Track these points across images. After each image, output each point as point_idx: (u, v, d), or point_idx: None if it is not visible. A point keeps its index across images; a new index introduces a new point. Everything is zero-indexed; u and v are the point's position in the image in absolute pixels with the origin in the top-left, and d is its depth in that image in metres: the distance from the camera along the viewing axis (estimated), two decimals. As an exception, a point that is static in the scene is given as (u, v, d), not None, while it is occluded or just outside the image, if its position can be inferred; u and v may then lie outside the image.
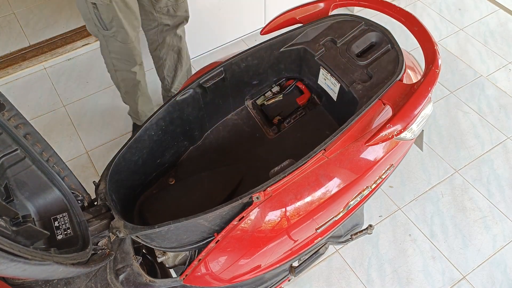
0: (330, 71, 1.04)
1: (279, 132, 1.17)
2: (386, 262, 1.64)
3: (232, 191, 1.06)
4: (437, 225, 1.73)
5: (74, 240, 0.78)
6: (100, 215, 0.88)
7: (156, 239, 0.88)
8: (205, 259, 0.88)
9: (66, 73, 2.29)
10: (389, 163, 1.00)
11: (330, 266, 1.63)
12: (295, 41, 1.10)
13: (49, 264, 0.60)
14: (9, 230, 0.60)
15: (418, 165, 1.90)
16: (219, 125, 1.20)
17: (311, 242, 1.01)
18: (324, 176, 0.88)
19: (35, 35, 2.44)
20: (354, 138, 0.91)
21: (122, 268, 0.89)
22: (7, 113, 0.78)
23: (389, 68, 0.99)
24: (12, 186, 0.77)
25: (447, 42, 2.40)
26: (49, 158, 0.83)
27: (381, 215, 1.76)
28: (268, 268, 0.99)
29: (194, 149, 1.17)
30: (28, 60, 2.26)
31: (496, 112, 2.08)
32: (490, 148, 1.95)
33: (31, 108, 2.14)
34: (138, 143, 0.99)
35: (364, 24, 1.07)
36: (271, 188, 0.84)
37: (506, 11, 2.55)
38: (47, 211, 0.80)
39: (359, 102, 0.97)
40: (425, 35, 1.01)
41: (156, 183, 1.12)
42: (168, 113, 1.03)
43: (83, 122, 2.09)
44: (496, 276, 1.60)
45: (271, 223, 0.86)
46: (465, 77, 2.22)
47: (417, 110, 0.88)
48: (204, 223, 0.83)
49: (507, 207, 1.77)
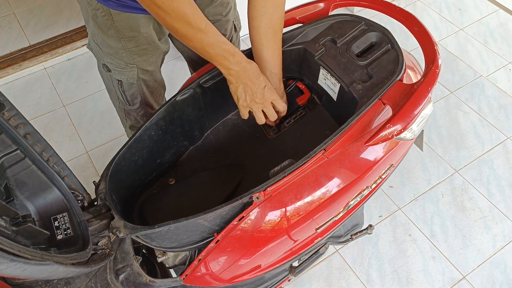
0: (330, 71, 1.04)
1: (279, 132, 1.17)
2: (386, 262, 1.64)
3: (232, 191, 1.06)
4: (437, 225, 1.73)
5: (74, 240, 0.78)
6: (100, 215, 0.88)
7: (156, 239, 0.88)
8: (205, 259, 0.88)
9: (66, 73, 2.29)
10: (389, 163, 1.01)
11: (330, 266, 1.63)
12: (295, 41, 1.10)
13: (49, 264, 0.60)
14: (9, 230, 0.60)
15: (418, 165, 1.90)
16: (219, 125, 1.20)
17: (311, 242, 1.01)
18: (324, 176, 0.88)
19: (35, 35, 2.44)
20: (354, 138, 0.91)
21: (122, 268, 0.89)
22: (7, 113, 0.78)
23: (389, 68, 0.99)
24: (12, 186, 0.77)
25: (447, 42, 2.40)
26: (49, 158, 0.83)
27: (381, 215, 1.76)
28: (268, 268, 0.99)
29: (194, 149, 1.17)
30: (28, 60, 2.26)
31: (496, 112, 2.08)
32: (490, 148, 1.95)
33: (31, 108, 2.14)
34: (138, 143, 0.99)
35: (364, 24, 1.07)
36: (271, 188, 0.84)
37: (506, 11, 2.55)
38: (47, 211, 0.80)
39: (359, 102, 0.97)
40: (425, 35, 1.01)
41: (156, 183, 1.12)
42: (168, 113, 1.03)
43: (83, 122, 2.09)
44: (496, 276, 1.60)
45: (271, 223, 0.86)
46: (465, 77, 2.22)
47: (417, 110, 0.88)
48: (204, 223, 0.83)
49: (507, 207, 1.77)
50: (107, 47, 1.10)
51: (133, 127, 1.37)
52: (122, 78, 1.16)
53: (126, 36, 1.06)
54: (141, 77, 1.17)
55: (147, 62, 1.15)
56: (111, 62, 1.14)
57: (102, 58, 1.16)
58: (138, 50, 1.10)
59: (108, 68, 1.16)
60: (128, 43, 1.08)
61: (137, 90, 1.21)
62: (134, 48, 1.09)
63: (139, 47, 1.09)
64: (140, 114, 1.30)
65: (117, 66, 1.14)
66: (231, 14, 1.24)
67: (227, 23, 1.24)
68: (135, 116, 1.31)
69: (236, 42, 1.37)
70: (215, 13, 1.17)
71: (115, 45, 1.08)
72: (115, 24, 1.03)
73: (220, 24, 1.21)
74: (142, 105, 1.26)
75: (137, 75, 1.15)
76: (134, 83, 1.18)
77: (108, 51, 1.12)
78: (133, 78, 1.16)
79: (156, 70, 1.21)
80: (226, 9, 1.19)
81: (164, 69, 1.30)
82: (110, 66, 1.15)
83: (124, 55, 1.10)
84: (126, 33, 1.05)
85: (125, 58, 1.11)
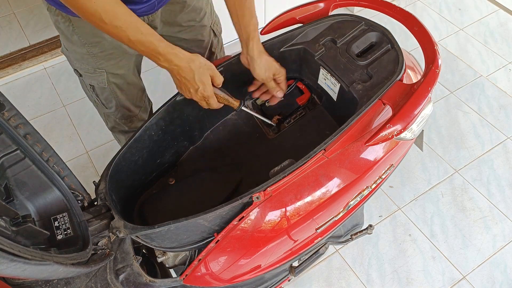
0: (330, 71, 1.04)
1: (279, 132, 1.17)
2: (386, 262, 1.64)
3: (232, 191, 1.06)
4: (437, 225, 1.73)
5: (74, 240, 0.78)
6: (100, 215, 0.88)
7: (156, 239, 0.88)
8: (205, 259, 0.88)
9: (66, 73, 2.28)
10: (389, 163, 1.01)
11: (330, 266, 1.63)
12: (295, 41, 1.10)
13: (49, 264, 0.60)
14: (9, 230, 0.60)
15: (418, 165, 1.90)
16: (219, 125, 1.20)
17: (311, 242, 1.01)
18: (324, 176, 0.88)
19: (35, 35, 2.44)
20: (354, 138, 0.91)
21: (122, 268, 0.89)
22: (7, 113, 0.78)
23: (389, 68, 0.99)
24: (12, 186, 0.77)
25: (447, 42, 2.40)
26: (49, 158, 0.83)
27: (381, 215, 1.76)
28: (268, 268, 0.99)
29: (194, 149, 1.17)
30: (28, 60, 2.26)
31: (496, 112, 2.08)
32: (490, 148, 1.95)
33: (31, 108, 2.14)
34: (138, 143, 0.99)
35: (364, 24, 1.07)
36: (271, 188, 0.84)
37: (506, 11, 2.55)
38: (47, 211, 0.80)
39: (359, 102, 0.97)
40: (425, 35, 1.01)
41: (156, 183, 1.12)
42: (168, 113, 1.03)
43: (83, 122, 2.09)
44: (496, 276, 1.60)
45: (271, 223, 0.86)
46: (465, 77, 2.22)
47: (417, 110, 0.88)
48: (204, 223, 0.83)
49: (507, 207, 1.77)
50: (74, 53, 1.09)
51: (114, 128, 1.35)
52: (93, 82, 1.15)
53: (90, 42, 1.04)
54: (112, 80, 1.15)
55: (116, 66, 1.12)
56: (80, 67, 1.13)
57: (72, 62, 1.14)
58: (105, 55, 1.08)
59: (79, 73, 1.15)
60: (92, 49, 1.06)
61: (110, 94, 1.19)
62: (100, 53, 1.07)
63: (104, 52, 1.07)
64: (118, 117, 1.28)
65: (86, 71, 1.12)
66: (207, 19, 1.22)
67: (203, 29, 1.22)
68: (114, 119, 1.29)
69: (218, 47, 1.34)
70: (188, 19, 1.16)
71: (80, 51, 1.07)
72: (77, 31, 1.01)
73: (195, 29, 1.20)
74: (118, 107, 1.23)
75: (107, 79, 1.13)
76: (106, 87, 1.16)
77: (75, 57, 1.10)
78: (103, 82, 1.14)
79: (127, 73, 1.18)
80: (199, 15, 1.18)
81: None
82: (80, 71, 1.14)
83: (90, 60, 1.08)
84: (89, 38, 1.03)
85: (92, 63, 1.09)
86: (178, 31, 1.17)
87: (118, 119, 1.29)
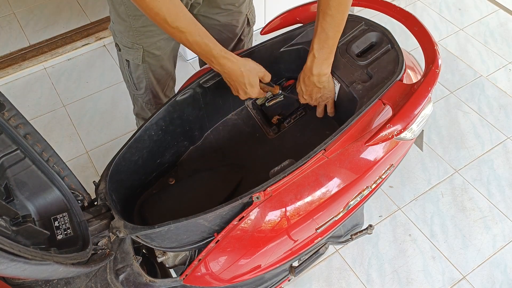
0: (330, 71, 1.04)
1: (279, 132, 1.17)
2: (386, 262, 1.64)
3: (232, 191, 1.06)
4: (437, 225, 1.73)
5: (74, 240, 0.78)
6: (100, 215, 0.88)
7: (156, 239, 0.88)
8: (205, 259, 0.88)
9: (66, 73, 2.29)
10: (389, 163, 1.01)
11: (330, 266, 1.63)
12: (295, 41, 1.10)
13: (49, 264, 0.60)
14: (9, 230, 0.60)
15: (418, 165, 1.90)
16: (219, 125, 1.20)
17: (311, 242, 1.01)
18: (324, 176, 0.88)
19: (35, 35, 2.44)
20: (354, 138, 0.91)
21: (122, 268, 0.89)
22: (7, 113, 0.78)
23: (389, 68, 0.99)
24: (12, 186, 0.77)
25: (447, 42, 2.40)
26: (49, 158, 0.83)
27: (381, 215, 1.76)
28: (268, 268, 0.99)
29: (194, 149, 1.17)
30: (28, 60, 2.26)
31: (496, 112, 2.08)
32: (490, 148, 1.95)
33: (31, 108, 2.14)
34: (138, 143, 0.99)
35: (364, 24, 1.07)
36: (271, 188, 0.84)
37: (506, 11, 2.55)
38: (47, 211, 0.81)
39: (359, 102, 0.97)
40: (425, 35, 1.01)
41: (156, 183, 1.12)
42: (168, 113, 1.03)
43: (83, 122, 2.09)
44: (496, 276, 1.60)
45: (271, 223, 0.86)
46: (465, 77, 2.22)
47: (417, 110, 0.88)
48: (204, 223, 0.83)
49: (507, 207, 1.77)
50: (118, 25, 1.14)
51: (139, 114, 1.41)
52: (129, 58, 1.20)
53: (134, 14, 1.09)
54: (147, 60, 1.20)
55: (154, 46, 1.17)
56: (121, 41, 1.18)
57: (115, 36, 1.20)
58: (145, 31, 1.13)
59: (119, 47, 1.20)
60: (135, 22, 1.11)
61: (143, 73, 1.23)
62: (141, 28, 1.12)
63: (145, 28, 1.12)
64: (146, 100, 1.32)
65: (125, 45, 1.17)
66: (245, 6, 1.26)
67: (240, 15, 1.26)
68: (141, 103, 1.34)
69: (248, 36, 1.39)
70: (228, 3, 1.19)
71: (123, 23, 1.12)
72: (125, 1, 1.07)
73: (232, 14, 1.23)
74: (147, 90, 1.28)
75: (143, 57, 1.18)
76: (140, 65, 1.21)
77: (119, 29, 1.15)
78: (138, 59, 1.19)
79: (163, 56, 1.22)
80: (239, 1, 1.21)
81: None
82: (120, 45, 1.20)
83: (131, 33, 1.13)
84: (134, 11, 1.08)
85: (132, 37, 1.14)
86: (216, 13, 1.21)
87: (145, 104, 1.34)
